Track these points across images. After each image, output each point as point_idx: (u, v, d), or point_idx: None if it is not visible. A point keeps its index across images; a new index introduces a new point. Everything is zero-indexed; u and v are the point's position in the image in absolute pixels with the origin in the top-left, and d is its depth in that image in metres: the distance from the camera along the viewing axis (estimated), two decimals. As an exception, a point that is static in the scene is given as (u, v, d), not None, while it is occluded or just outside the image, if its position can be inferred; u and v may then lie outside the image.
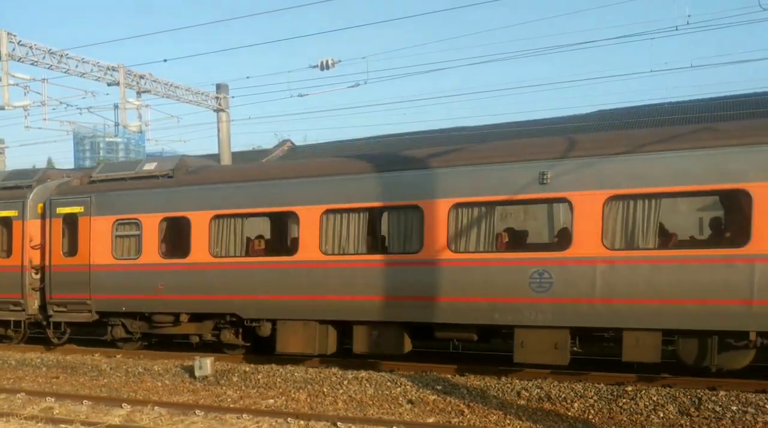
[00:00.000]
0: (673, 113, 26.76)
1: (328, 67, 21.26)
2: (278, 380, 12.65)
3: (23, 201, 16.81)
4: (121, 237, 15.40)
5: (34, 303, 16.59)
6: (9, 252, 16.96)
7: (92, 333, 17.36)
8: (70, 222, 16.05)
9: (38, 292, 16.62)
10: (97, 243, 15.57)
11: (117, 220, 15.44)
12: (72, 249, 16.01)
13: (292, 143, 34.79)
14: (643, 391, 10.37)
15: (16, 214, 16.79)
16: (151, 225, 15.02)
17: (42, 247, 16.58)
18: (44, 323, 16.80)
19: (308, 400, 11.53)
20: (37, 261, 16.66)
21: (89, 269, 15.62)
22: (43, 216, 16.64)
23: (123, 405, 11.59)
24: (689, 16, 18.01)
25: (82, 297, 15.71)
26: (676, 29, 16.59)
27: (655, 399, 10.08)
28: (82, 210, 15.82)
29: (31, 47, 19.87)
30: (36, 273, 16.66)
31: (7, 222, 17.09)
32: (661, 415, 9.68)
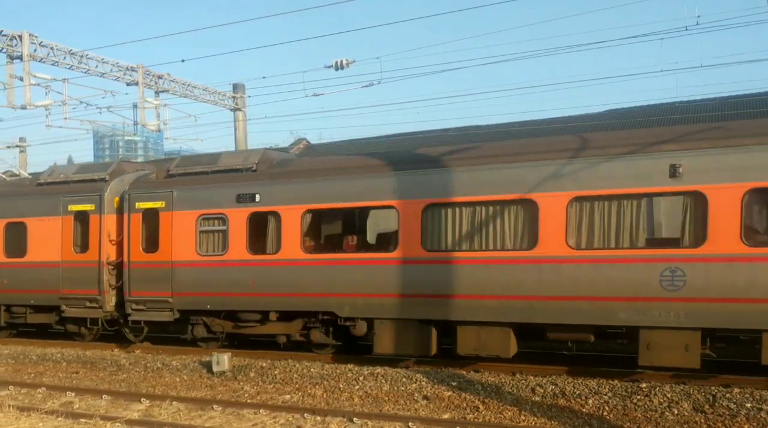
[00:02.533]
0: (685, 112, 26.52)
1: (342, 67, 21.33)
2: (295, 376, 12.78)
3: (100, 194, 16.24)
4: (206, 232, 14.93)
5: (111, 301, 16.13)
6: (85, 248, 16.41)
7: (168, 332, 17.17)
8: (150, 218, 15.53)
9: (115, 290, 16.17)
10: (179, 239, 15.10)
11: (201, 216, 14.95)
12: (152, 246, 15.52)
13: (308, 141, 34.81)
14: (658, 388, 10.40)
15: (93, 208, 16.25)
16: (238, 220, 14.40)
17: (119, 243, 16.08)
18: (121, 321, 16.37)
19: (324, 396, 11.63)
20: (114, 258, 16.18)
21: (171, 266, 15.17)
22: (119, 211, 16.20)
23: (142, 400, 11.74)
24: (699, 16, 18.05)
25: (163, 295, 15.26)
26: (686, 29, 16.57)
27: (669, 396, 10.11)
28: (163, 205, 15.33)
29: (52, 48, 20.16)
30: (113, 270, 16.18)
31: (83, 216, 16.51)
32: (676, 412, 9.69)
